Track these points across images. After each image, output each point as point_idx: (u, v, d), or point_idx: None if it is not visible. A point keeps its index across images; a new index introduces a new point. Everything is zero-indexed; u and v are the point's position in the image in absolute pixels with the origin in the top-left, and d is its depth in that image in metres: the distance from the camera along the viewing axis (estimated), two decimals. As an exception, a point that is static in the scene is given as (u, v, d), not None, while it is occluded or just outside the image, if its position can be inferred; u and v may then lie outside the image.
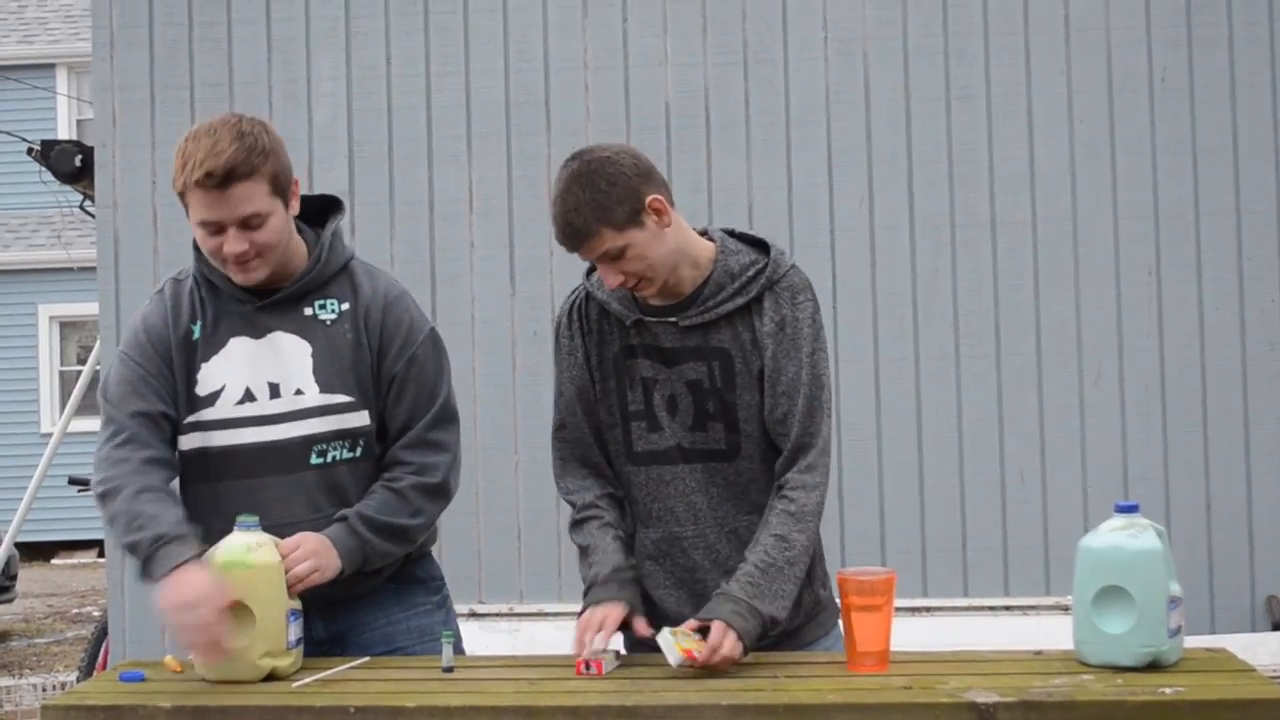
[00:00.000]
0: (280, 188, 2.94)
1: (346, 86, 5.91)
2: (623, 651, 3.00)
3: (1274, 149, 5.72)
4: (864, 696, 2.59)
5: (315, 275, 3.04)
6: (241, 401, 2.99)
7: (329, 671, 2.84)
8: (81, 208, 8.65)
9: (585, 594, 3.06)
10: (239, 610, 2.77)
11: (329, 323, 3.04)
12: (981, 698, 2.53)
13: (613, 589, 3.00)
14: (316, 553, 2.88)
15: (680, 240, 3.04)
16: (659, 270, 3.00)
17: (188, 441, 3.02)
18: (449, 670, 2.85)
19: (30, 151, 7.92)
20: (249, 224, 2.90)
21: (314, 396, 2.99)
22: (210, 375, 3.01)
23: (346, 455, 3.02)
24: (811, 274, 6.01)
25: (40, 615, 13.35)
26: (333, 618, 3.07)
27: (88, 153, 7.14)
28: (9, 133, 13.26)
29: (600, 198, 2.93)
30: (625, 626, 3.00)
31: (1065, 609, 5.05)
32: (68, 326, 18.87)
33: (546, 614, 5.32)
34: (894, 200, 5.77)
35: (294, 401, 2.98)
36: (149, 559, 2.84)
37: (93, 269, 6.44)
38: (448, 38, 5.90)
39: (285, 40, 5.94)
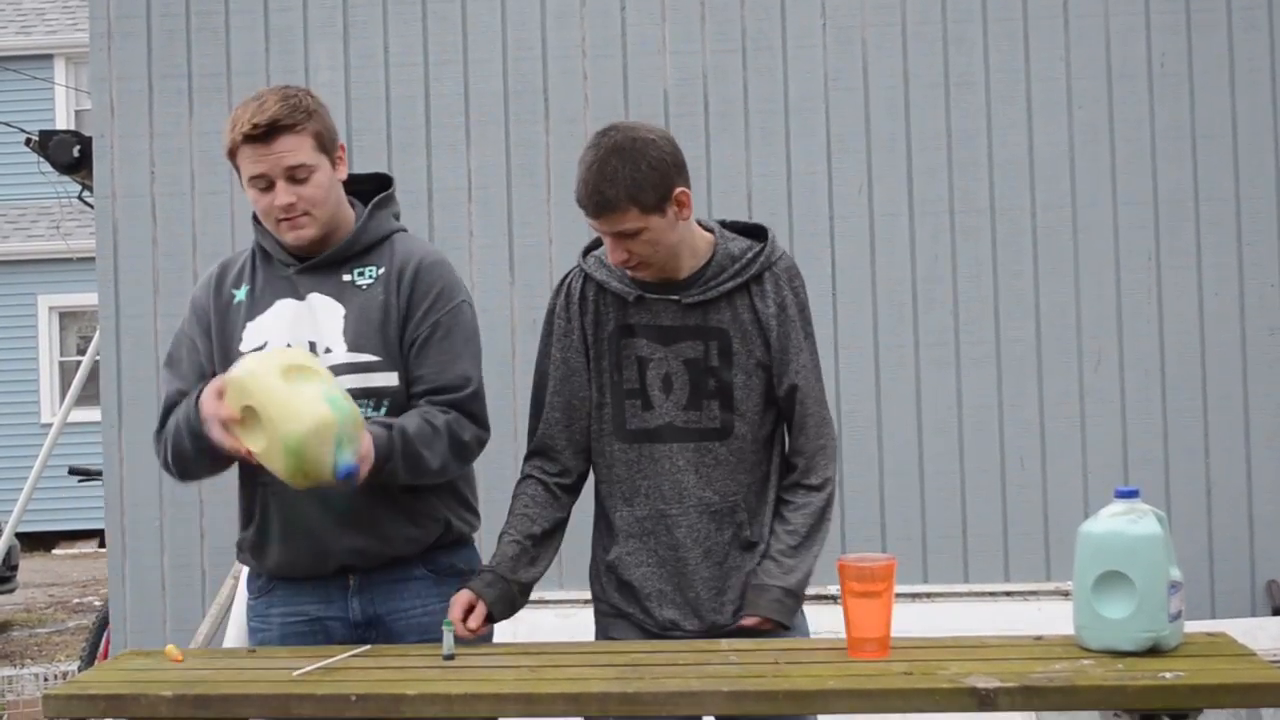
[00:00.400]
0: (325, 146, 3.09)
1: (344, 76, 5.90)
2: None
3: (1273, 134, 5.71)
4: (864, 683, 2.60)
5: (353, 241, 3.15)
6: None
7: (330, 659, 2.85)
8: (80, 198, 8.65)
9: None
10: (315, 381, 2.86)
11: (364, 287, 3.13)
12: (982, 683, 2.53)
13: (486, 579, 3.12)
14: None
15: (687, 231, 3.11)
16: (663, 257, 3.07)
17: None
18: (450, 658, 2.86)
19: (28, 142, 7.91)
20: (295, 177, 3.04)
21: (341, 354, 3.06)
22: (254, 332, 3.12)
23: (371, 414, 3.05)
24: (810, 261, 6.03)
25: (41, 605, 13.37)
26: (370, 600, 3.09)
27: (86, 143, 7.13)
28: (7, 123, 13.27)
29: (638, 177, 2.98)
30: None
31: (1066, 594, 5.05)
32: (67, 317, 18.87)
33: (547, 601, 5.31)
34: (893, 187, 5.76)
35: (325, 359, 3.05)
36: (188, 417, 3.02)
37: (92, 259, 6.43)
38: (445, 26, 5.90)
39: (283, 30, 5.94)
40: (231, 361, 3.05)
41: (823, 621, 5.10)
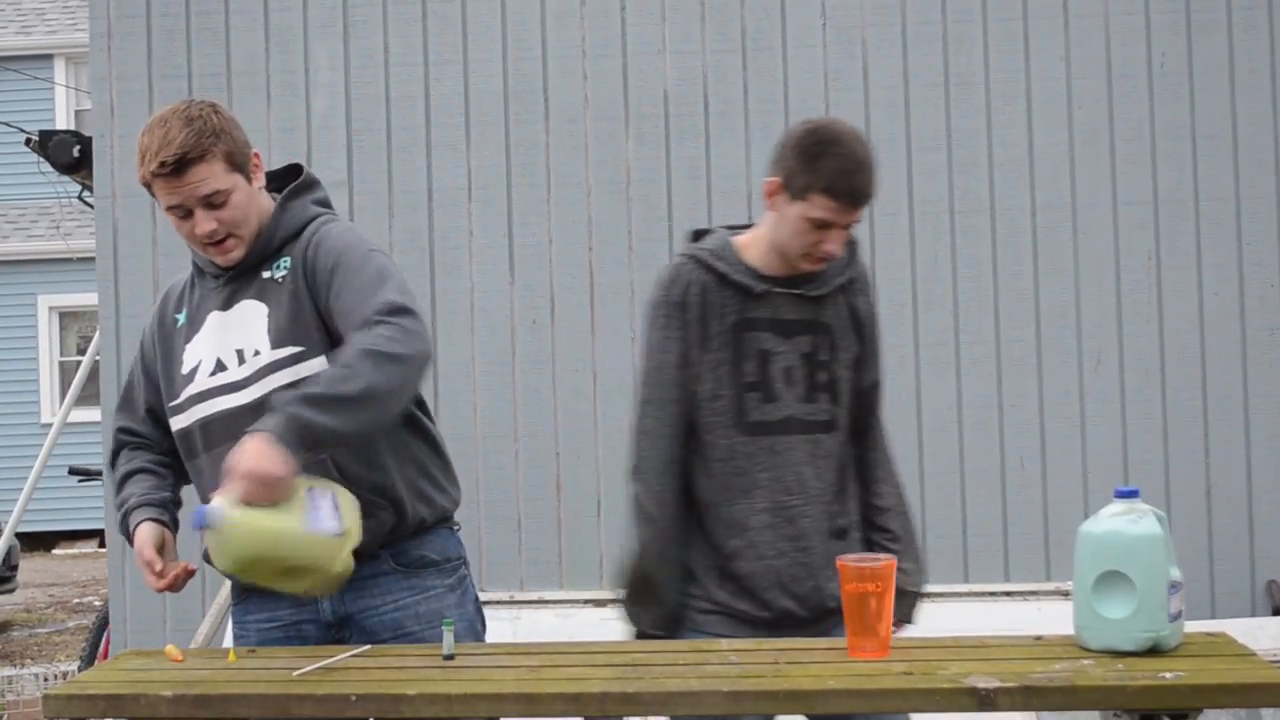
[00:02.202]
0: (237, 163, 3.04)
1: (344, 76, 5.90)
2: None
3: (1273, 134, 5.72)
4: (864, 682, 2.60)
5: (269, 239, 3.10)
6: (214, 373, 3.07)
7: (330, 659, 2.85)
8: (80, 198, 8.65)
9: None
10: (279, 565, 2.80)
11: (280, 280, 3.08)
12: (982, 683, 2.53)
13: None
14: (250, 471, 2.74)
15: None
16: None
17: (177, 422, 3.12)
18: (450, 658, 2.85)
19: (28, 142, 7.91)
20: (212, 203, 3.01)
21: (267, 354, 3.03)
22: (190, 354, 3.12)
23: None
24: (811, 261, 5.96)
25: (41, 605, 13.37)
26: (340, 599, 3.07)
27: (86, 143, 7.13)
28: (7, 123, 13.27)
29: (877, 172, 3.14)
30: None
31: (1066, 594, 5.05)
32: (67, 317, 18.87)
33: (547, 601, 5.32)
34: (893, 187, 5.76)
35: (254, 363, 3.03)
36: (125, 532, 3.11)
37: (92, 259, 6.44)
38: (445, 26, 5.90)
39: (283, 30, 5.94)
40: (176, 386, 3.10)
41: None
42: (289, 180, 3.21)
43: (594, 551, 5.64)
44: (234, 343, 3.06)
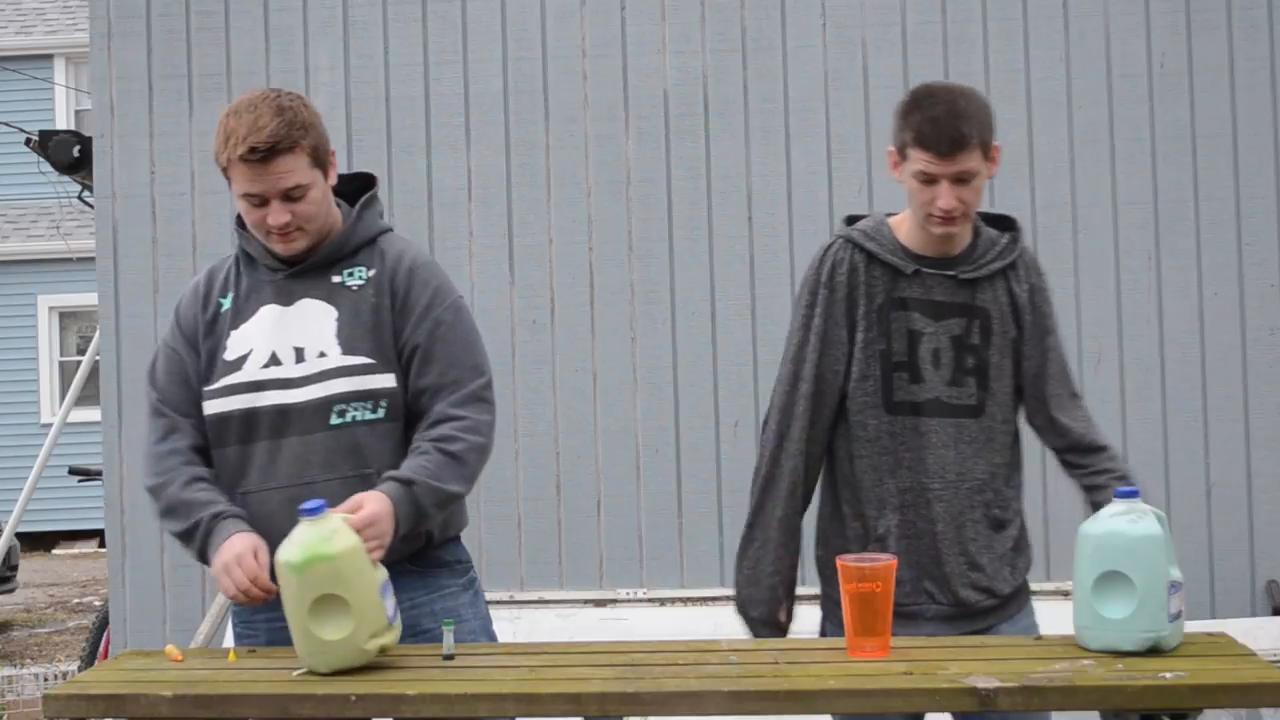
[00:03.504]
0: (320, 160, 3.06)
1: (344, 76, 5.90)
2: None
3: (1273, 134, 5.71)
4: (865, 682, 2.60)
5: (341, 243, 3.12)
6: (267, 365, 3.05)
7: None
8: (80, 198, 8.66)
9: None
10: (332, 601, 2.74)
11: (354, 289, 3.10)
12: (982, 683, 2.53)
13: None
14: (384, 533, 2.87)
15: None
16: (974, 210, 3.15)
17: (214, 406, 3.07)
18: (450, 658, 2.85)
19: (28, 142, 7.91)
20: (291, 196, 3.00)
21: (336, 358, 3.04)
22: (238, 341, 3.08)
23: (368, 416, 3.04)
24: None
25: (41, 605, 13.37)
26: None
27: (86, 143, 7.14)
28: (7, 123, 13.28)
29: (985, 118, 3.10)
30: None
31: (1065, 594, 5.04)
32: (67, 317, 18.87)
33: (547, 601, 5.32)
34: (893, 187, 5.71)
35: (317, 364, 3.03)
36: (207, 533, 2.97)
37: (92, 259, 6.44)
38: (445, 26, 5.90)
39: (283, 30, 5.94)
40: (218, 372, 3.05)
41: (823, 621, 5.09)
42: (352, 185, 3.24)
43: (594, 551, 5.65)
44: (293, 339, 3.05)
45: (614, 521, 5.67)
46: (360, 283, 3.10)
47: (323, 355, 3.04)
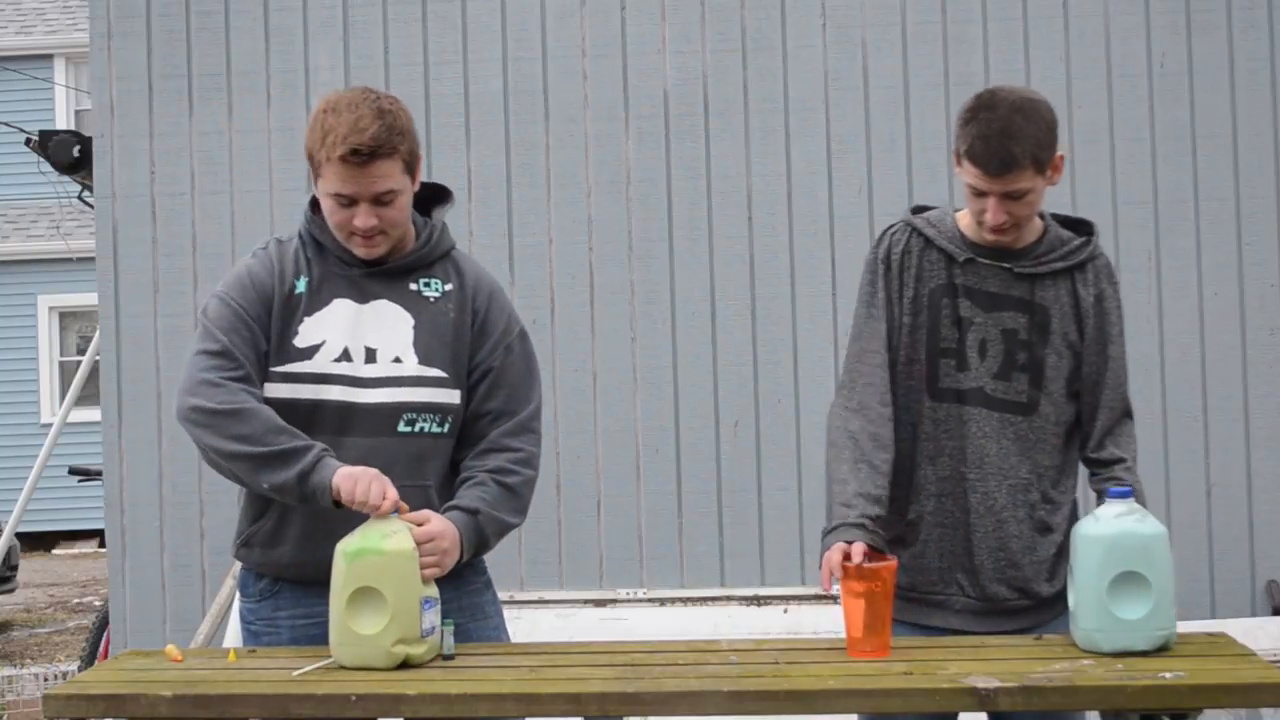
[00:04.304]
0: (411, 167, 3.04)
1: (344, 76, 5.90)
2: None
3: (1273, 134, 5.71)
4: (865, 682, 2.60)
5: (424, 254, 3.14)
6: (338, 360, 3.04)
7: (330, 659, 2.85)
8: (80, 198, 8.65)
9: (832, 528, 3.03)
10: (372, 596, 2.78)
11: (432, 300, 3.11)
12: (982, 683, 2.53)
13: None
14: (448, 551, 2.93)
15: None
16: (1030, 220, 3.11)
17: (276, 390, 3.03)
18: (450, 658, 2.86)
19: (28, 142, 7.91)
20: (381, 200, 2.99)
21: (412, 366, 3.05)
22: (311, 329, 3.05)
23: (435, 429, 3.06)
24: (810, 261, 6.02)
25: (41, 605, 13.37)
26: None
27: (86, 143, 7.13)
28: (7, 123, 13.28)
29: (1040, 136, 3.02)
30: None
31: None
32: (67, 317, 18.87)
33: (547, 601, 5.32)
34: (893, 187, 5.76)
35: (390, 368, 3.04)
36: (317, 460, 2.89)
37: (92, 259, 6.43)
38: (445, 26, 5.90)
39: (283, 30, 5.94)
40: (286, 355, 3.01)
41: (822, 622, 5.11)
42: (424, 193, 3.23)
43: (594, 551, 5.65)
44: (367, 339, 3.05)
45: (614, 521, 5.67)
46: (437, 295, 3.12)
47: (398, 361, 3.05)
